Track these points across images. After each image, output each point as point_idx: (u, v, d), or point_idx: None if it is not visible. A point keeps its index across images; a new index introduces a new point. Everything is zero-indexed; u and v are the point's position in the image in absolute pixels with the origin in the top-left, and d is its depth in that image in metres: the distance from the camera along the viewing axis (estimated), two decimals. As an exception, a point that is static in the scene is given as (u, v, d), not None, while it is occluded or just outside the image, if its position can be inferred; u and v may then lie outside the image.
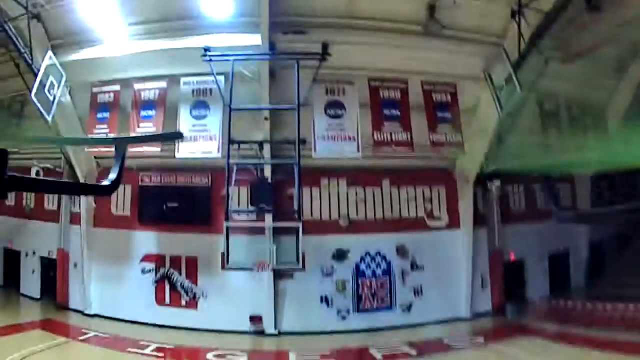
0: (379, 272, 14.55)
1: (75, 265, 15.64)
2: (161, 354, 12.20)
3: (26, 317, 15.15)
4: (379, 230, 14.62)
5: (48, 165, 15.60)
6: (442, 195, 15.10)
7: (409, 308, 14.60)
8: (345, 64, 12.34)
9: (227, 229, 11.08)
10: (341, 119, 12.46)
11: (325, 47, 11.54)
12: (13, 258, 17.62)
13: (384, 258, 14.61)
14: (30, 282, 16.92)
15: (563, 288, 16.04)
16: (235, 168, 11.85)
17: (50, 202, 16.63)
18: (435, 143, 12.88)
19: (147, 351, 12.29)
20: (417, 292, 14.70)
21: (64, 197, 15.82)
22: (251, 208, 12.13)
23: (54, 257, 16.17)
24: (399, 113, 12.77)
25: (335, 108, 12.51)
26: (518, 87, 11.23)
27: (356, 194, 14.70)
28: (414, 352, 12.06)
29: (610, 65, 14.24)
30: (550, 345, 11.81)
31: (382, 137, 12.55)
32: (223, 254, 11.67)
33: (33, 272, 16.87)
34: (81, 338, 13.37)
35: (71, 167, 15.21)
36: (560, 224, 15.53)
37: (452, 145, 13.04)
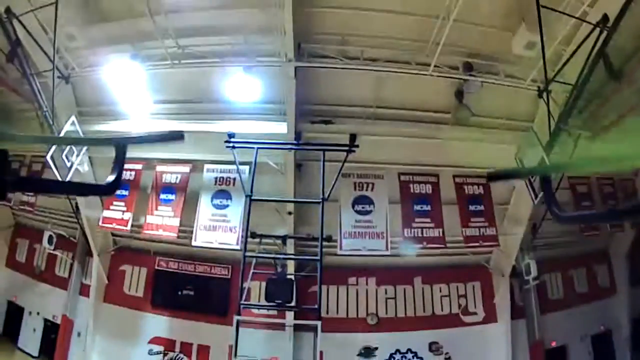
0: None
1: (79, 334, 15.93)
2: None
3: None
4: (410, 327, 14.54)
5: (62, 233, 15.83)
6: (477, 290, 14.94)
7: None
8: (373, 157, 12.35)
9: (237, 322, 10.93)
10: (369, 215, 12.27)
11: (353, 137, 11.30)
12: (16, 312, 18.03)
13: (415, 354, 14.41)
14: (30, 339, 17.41)
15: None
16: (253, 261, 11.71)
17: (61, 268, 16.91)
18: (469, 238, 12.66)
19: None
20: None
21: (75, 267, 16.11)
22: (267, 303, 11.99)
23: (58, 322, 16.33)
24: (429, 208, 12.58)
25: (363, 203, 12.34)
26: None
27: (385, 292, 14.72)
28: None
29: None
30: None
31: (413, 233, 12.31)
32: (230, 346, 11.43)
33: (34, 330, 17.32)
34: None
35: (86, 238, 15.37)
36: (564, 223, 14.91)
37: (486, 239, 12.79)
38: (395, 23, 10.44)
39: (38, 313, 17.20)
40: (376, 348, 14.24)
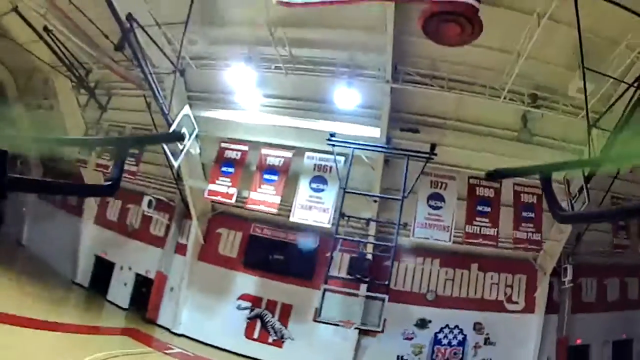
0: (454, 342, 18.44)
1: (172, 289, 20.31)
2: None
3: (111, 322, 19.77)
4: (461, 306, 18.58)
5: (162, 197, 20.12)
6: (522, 282, 18.80)
7: None
8: (449, 161, 16.06)
9: (324, 290, 15.13)
10: (440, 210, 16.21)
11: (433, 147, 15.11)
12: (104, 266, 22.23)
13: (461, 331, 18.47)
14: (120, 292, 21.68)
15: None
16: (341, 239, 15.80)
17: (156, 228, 21.34)
18: (517, 240, 16.35)
19: None
20: None
21: (173, 227, 20.61)
22: (348, 276, 16.10)
23: (151, 276, 20.68)
24: (489, 210, 16.35)
25: (436, 200, 16.27)
26: (587, 199, 14.16)
27: (446, 273, 18.81)
28: None
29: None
30: None
31: (473, 230, 16.21)
32: (316, 308, 15.54)
33: (125, 284, 21.57)
34: (166, 351, 17.61)
35: (185, 204, 19.71)
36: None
37: (531, 243, 16.45)
38: (477, 53, 13.65)
39: (130, 268, 21.56)
40: (430, 321, 18.38)
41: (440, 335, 18.47)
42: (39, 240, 25.67)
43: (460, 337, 18.49)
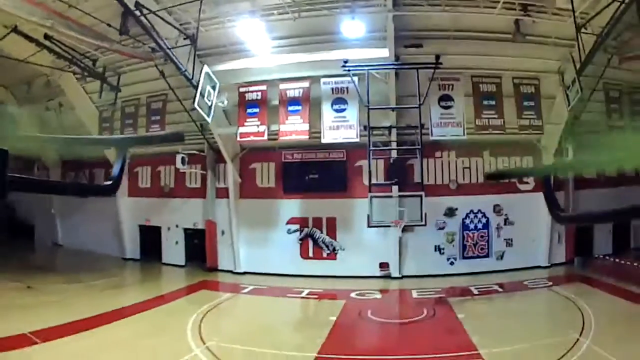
0: (479, 226, 21.55)
1: (223, 233, 23.13)
2: (316, 296, 19.27)
3: (183, 281, 21.99)
4: (480, 192, 21.51)
5: (193, 151, 22.62)
6: (530, 164, 21.55)
7: (501, 256, 21.58)
8: (453, 65, 18.72)
9: (371, 197, 18.08)
10: (451, 109, 19.04)
11: (437, 57, 18.00)
12: (151, 233, 24.74)
13: (484, 214, 21.58)
14: (174, 252, 24.29)
15: (624, 248, 22.60)
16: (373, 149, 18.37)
17: (191, 180, 23.90)
18: (522, 127, 19.37)
19: (304, 294, 19.42)
20: (509, 243, 21.60)
21: (209, 175, 23.12)
22: (387, 181, 19.28)
23: (199, 227, 23.40)
24: (494, 103, 19.23)
25: (446, 100, 19.06)
26: (579, 89, 16.88)
27: (462, 163, 21.62)
28: (500, 290, 18.61)
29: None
30: (602, 294, 17.20)
31: (482, 122, 19.14)
32: (368, 215, 18.18)
33: (176, 243, 24.27)
34: (243, 291, 20.17)
35: (215, 150, 22.42)
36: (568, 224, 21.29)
37: (534, 128, 19.50)
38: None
39: (177, 226, 24.38)
40: (456, 209, 21.47)
41: (467, 221, 21.59)
42: (74, 234, 28.43)
43: (483, 220, 21.64)
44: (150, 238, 25.01)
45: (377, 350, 13.04)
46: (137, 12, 16.14)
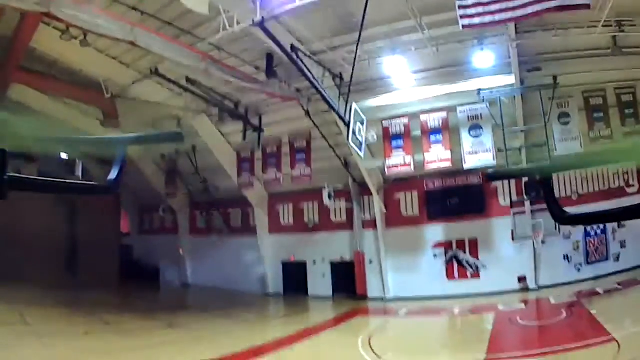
0: (598, 232, 24.74)
1: (370, 262, 26.97)
2: (470, 310, 22.26)
3: (336, 310, 24.94)
4: (596, 200, 24.19)
5: (339, 186, 26.71)
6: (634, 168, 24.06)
7: (617, 258, 24.43)
8: (567, 83, 21.94)
9: (513, 214, 21.93)
10: (569, 125, 22.62)
11: (554, 78, 21.73)
12: (295, 268, 28.76)
13: (602, 223, 24.99)
14: (321, 284, 28.18)
15: None
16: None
17: (336, 214, 27.88)
18: (626, 133, 22.05)
19: (456, 312, 22.55)
20: (623, 245, 24.32)
21: (355, 209, 27.07)
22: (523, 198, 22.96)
23: (346, 259, 27.16)
24: (602, 115, 22.51)
25: (564, 117, 22.74)
26: None
27: (581, 174, 24.73)
28: (620, 287, 21.09)
29: None
30: None
31: (594, 134, 22.31)
32: (512, 230, 22.27)
33: (323, 275, 28.01)
34: (399, 314, 23.01)
35: (359, 184, 26.36)
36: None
37: (636, 133, 22.02)
38: None
39: (323, 259, 28.02)
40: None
41: (588, 228, 24.67)
42: (206, 273, 31.94)
43: (602, 226, 24.66)
44: (295, 272, 28.72)
45: (534, 344, 15.66)
46: (294, 55, 18.90)
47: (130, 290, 30.72)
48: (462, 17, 15.81)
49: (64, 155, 29.82)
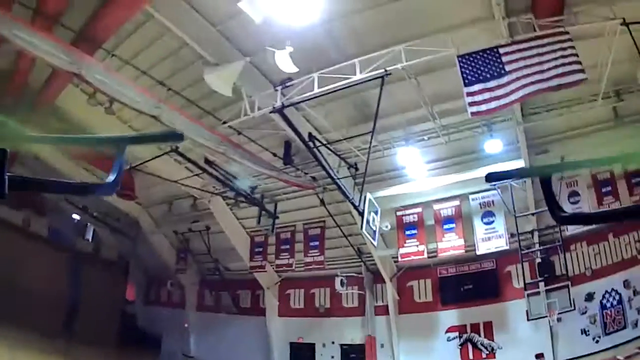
0: (614, 303, 24.71)
1: (382, 346, 26.95)
2: None
3: None
4: (610, 272, 24.36)
5: (352, 273, 26.62)
6: None
7: (636, 324, 24.16)
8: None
9: (527, 295, 21.88)
10: (578, 204, 22.94)
11: (562, 159, 21.66)
12: (303, 350, 28.33)
13: (616, 291, 24.54)
14: None
15: None
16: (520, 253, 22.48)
17: (348, 300, 27.79)
18: (634, 202, 22.32)
19: None
20: (639, 311, 24.23)
21: (367, 295, 27.08)
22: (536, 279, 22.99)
23: (357, 342, 27.15)
24: (610, 188, 22.69)
25: (574, 196, 23.11)
26: None
27: (593, 250, 24.80)
28: None
29: None
30: None
31: (603, 207, 22.63)
32: (527, 311, 22.33)
33: (332, 357, 27.77)
34: None
35: (372, 272, 26.26)
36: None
37: None
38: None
39: (333, 342, 27.89)
40: (594, 292, 24.39)
41: (604, 301, 24.70)
42: (209, 347, 31.82)
43: (617, 297, 24.61)
44: (302, 354, 28.55)
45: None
46: (311, 144, 19.45)
47: (128, 354, 31.40)
48: (470, 104, 15.97)
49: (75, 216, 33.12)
